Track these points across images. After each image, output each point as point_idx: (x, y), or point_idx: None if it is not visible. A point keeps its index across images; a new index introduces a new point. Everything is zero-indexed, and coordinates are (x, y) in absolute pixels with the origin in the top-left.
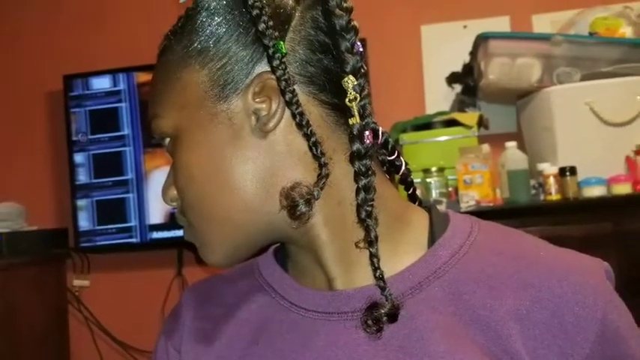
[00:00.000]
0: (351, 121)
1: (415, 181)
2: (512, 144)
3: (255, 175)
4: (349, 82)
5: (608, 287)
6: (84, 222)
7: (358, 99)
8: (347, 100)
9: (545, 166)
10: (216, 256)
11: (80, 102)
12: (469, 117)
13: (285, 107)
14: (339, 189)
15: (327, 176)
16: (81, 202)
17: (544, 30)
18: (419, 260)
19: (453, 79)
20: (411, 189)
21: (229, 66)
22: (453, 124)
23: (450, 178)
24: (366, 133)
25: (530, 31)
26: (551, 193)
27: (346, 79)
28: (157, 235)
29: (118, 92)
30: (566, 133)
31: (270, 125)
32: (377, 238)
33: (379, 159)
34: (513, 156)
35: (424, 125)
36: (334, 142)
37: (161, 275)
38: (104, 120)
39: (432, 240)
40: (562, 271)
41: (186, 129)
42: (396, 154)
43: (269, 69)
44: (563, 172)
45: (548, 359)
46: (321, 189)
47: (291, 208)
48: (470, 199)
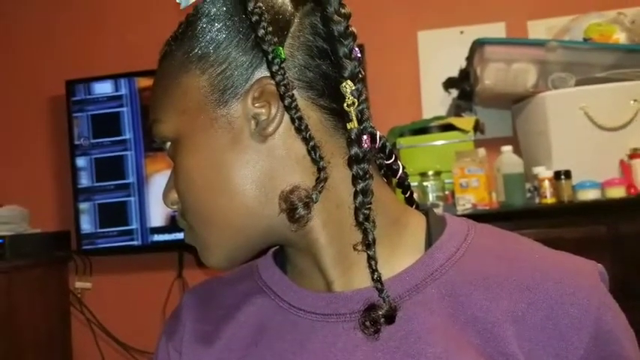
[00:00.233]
0: (349, 125)
1: (412, 184)
2: (507, 148)
3: (254, 178)
4: (347, 87)
5: (602, 289)
6: (86, 225)
7: (356, 104)
8: (345, 104)
9: (540, 170)
10: (216, 258)
11: (82, 107)
12: (465, 121)
13: (285, 112)
14: (338, 192)
15: (325, 180)
16: (83, 206)
17: (539, 36)
18: (416, 262)
19: (449, 84)
20: (408, 192)
21: (229, 71)
22: (449, 128)
23: (447, 181)
24: (364, 137)
25: (526, 37)
26: (546, 197)
27: (344, 84)
28: (157, 237)
29: (119, 97)
30: (561, 137)
31: (270, 129)
32: (375, 240)
33: (377, 163)
34: (509, 160)
35: (421, 130)
36: (332, 146)
37: (162, 277)
38: (106, 124)
39: (429, 243)
40: (557, 274)
41: (186, 133)
42: (393, 158)
43: (268, 74)
44: (558, 175)
45: None
46: (320, 192)
47: (290, 212)
48: (466, 202)
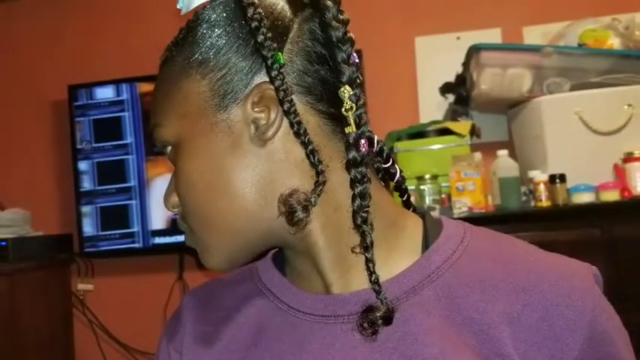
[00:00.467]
0: (347, 129)
1: (409, 188)
2: (503, 152)
3: (254, 182)
4: (346, 92)
5: (597, 291)
6: (88, 228)
7: (354, 108)
8: (343, 109)
9: (535, 174)
10: (216, 260)
11: (84, 111)
12: (462, 126)
13: (284, 116)
14: (336, 196)
15: (324, 183)
16: (85, 209)
17: (534, 41)
18: (413, 265)
19: (446, 89)
20: (406, 196)
21: (229, 76)
22: (446, 132)
23: (443, 185)
24: (362, 141)
25: (521, 43)
26: (541, 200)
27: (343, 89)
28: (158, 240)
29: (121, 102)
30: (556, 141)
31: (269, 134)
32: (372, 243)
33: (374, 167)
34: (505, 164)
35: (418, 134)
36: (331, 150)
37: (163, 279)
38: (108, 129)
39: (426, 245)
40: (552, 276)
41: (187, 137)
42: (390, 162)
43: (268, 79)
44: (553, 179)
45: None
46: (319, 196)
47: (289, 215)
48: (462, 205)
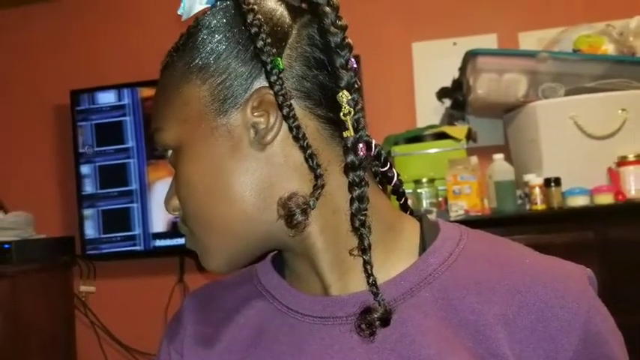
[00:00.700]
0: (345, 134)
1: (407, 191)
2: (499, 156)
3: (253, 185)
4: (344, 96)
5: (591, 293)
6: (90, 230)
7: (352, 113)
8: (342, 114)
9: (530, 177)
10: (216, 262)
11: (86, 116)
12: (458, 130)
13: (283, 121)
14: (334, 199)
15: (322, 187)
16: (87, 212)
17: (530, 47)
18: (410, 267)
19: (442, 94)
20: (403, 199)
21: (229, 81)
22: (442, 137)
23: (440, 188)
24: (360, 145)
25: (517, 48)
26: (536, 203)
27: (341, 93)
28: (159, 243)
29: (122, 106)
30: (551, 145)
31: (268, 138)
32: (370, 246)
33: (372, 170)
34: (500, 167)
35: (415, 138)
36: (329, 154)
37: (164, 281)
38: (109, 133)
39: (423, 248)
40: (547, 278)
41: (187, 141)
42: (388, 166)
43: (267, 84)
44: (548, 182)
45: None
46: (317, 199)
47: (288, 218)
48: (459, 208)
